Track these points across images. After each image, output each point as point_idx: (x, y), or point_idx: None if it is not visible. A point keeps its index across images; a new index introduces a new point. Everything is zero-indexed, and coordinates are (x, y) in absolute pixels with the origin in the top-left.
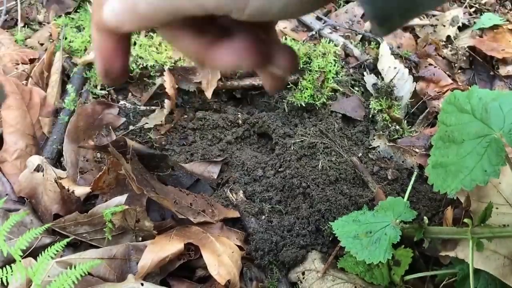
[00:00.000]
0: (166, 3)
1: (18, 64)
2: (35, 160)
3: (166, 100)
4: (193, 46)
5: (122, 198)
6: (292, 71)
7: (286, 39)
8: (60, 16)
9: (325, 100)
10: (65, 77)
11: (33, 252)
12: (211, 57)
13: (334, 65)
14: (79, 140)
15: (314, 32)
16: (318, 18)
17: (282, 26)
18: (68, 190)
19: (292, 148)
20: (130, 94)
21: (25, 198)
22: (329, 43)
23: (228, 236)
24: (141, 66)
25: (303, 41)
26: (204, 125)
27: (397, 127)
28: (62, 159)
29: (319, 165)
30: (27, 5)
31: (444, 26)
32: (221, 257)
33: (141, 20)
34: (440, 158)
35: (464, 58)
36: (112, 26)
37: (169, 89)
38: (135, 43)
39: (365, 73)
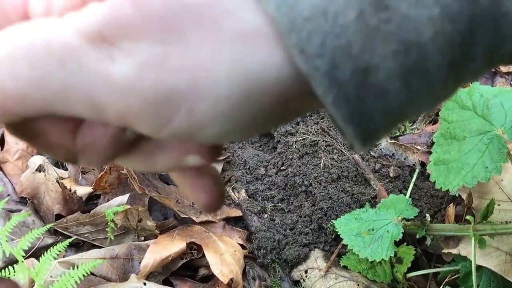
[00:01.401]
0: (43, 95)
1: None
2: (36, 160)
3: None
4: (57, 135)
5: (124, 198)
6: (212, 157)
7: None
8: None
9: None
10: None
11: (36, 253)
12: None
13: None
14: None
15: None
16: None
17: None
18: (70, 190)
19: (294, 146)
20: None
21: (27, 199)
22: None
23: (231, 235)
24: None
25: None
26: None
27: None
28: None
29: (321, 163)
30: None
31: None
32: (224, 256)
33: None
34: (442, 155)
35: None
36: None
37: None
38: None
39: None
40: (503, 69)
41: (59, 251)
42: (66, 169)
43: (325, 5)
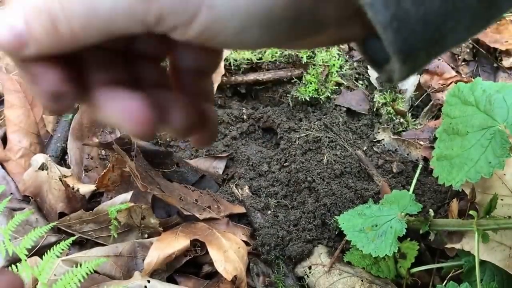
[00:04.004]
0: (99, 20)
1: None
2: (39, 158)
3: None
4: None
5: (127, 196)
6: (191, 132)
7: None
8: None
9: (329, 94)
10: None
11: (39, 251)
12: (96, 98)
13: (338, 59)
14: (83, 138)
15: None
16: None
17: None
18: (73, 188)
19: (297, 142)
20: None
21: (30, 197)
22: None
23: (234, 232)
24: None
25: None
26: None
27: (402, 120)
28: (66, 157)
29: (324, 159)
30: None
31: None
32: (228, 253)
33: (61, 42)
34: (444, 151)
35: (468, 50)
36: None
37: None
38: None
39: (369, 66)
40: (506, 64)
41: (62, 249)
42: (69, 167)
43: None
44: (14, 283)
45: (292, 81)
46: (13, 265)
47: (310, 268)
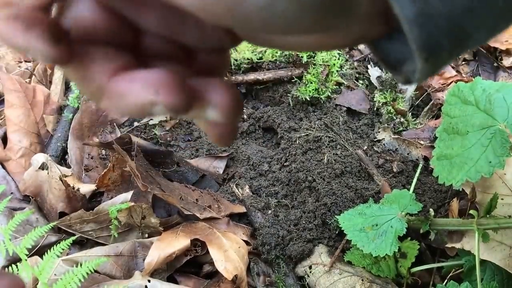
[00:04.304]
0: None
1: (21, 62)
2: (39, 158)
3: None
4: (97, 69)
5: (127, 195)
6: (232, 116)
7: None
8: None
9: (329, 94)
10: None
11: (39, 251)
12: (114, 88)
13: (338, 59)
14: (83, 138)
15: None
16: None
17: None
18: (73, 188)
19: (297, 142)
20: None
21: (30, 197)
22: None
23: (235, 231)
24: None
25: None
26: None
27: (402, 119)
28: (66, 156)
29: (325, 158)
30: None
31: None
32: (228, 252)
33: None
34: (444, 150)
35: None
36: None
37: None
38: None
39: (369, 66)
40: (506, 63)
41: (63, 249)
42: (69, 167)
43: None
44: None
45: (293, 80)
46: (13, 265)
47: (310, 267)
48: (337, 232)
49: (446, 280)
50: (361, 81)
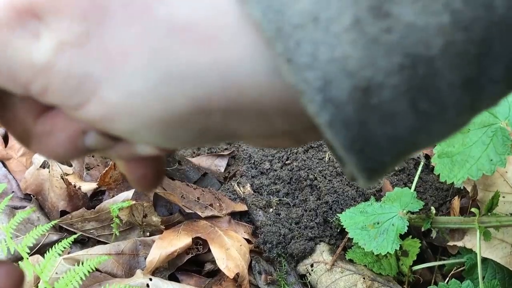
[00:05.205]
0: None
1: None
2: (41, 156)
3: None
4: (22, 111)
5: (129, 193)
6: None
7: None
8: None
9: None
10: None
11: (41, 249)
12: (40, 130)
13: None
14: None
15: None
16: None
17: None
18: (75, 186)
19: None
20: None
21: (31, 195)
22: None
23: (236, 230)
24: None
25: None
26: None
27: None
28: None
29: (326, 156)
30: None
31: None
32: (230, 250)
33: None
34: (446, 148)
35: None
36: None
37: None
38: None
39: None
40: None
41: (64, 248)
42: (71, 165)
43: (317, 11)
44: (14, 275)
45: None
46: (15, 263)
47: (312, 265)
48: (338, 230)
49: (447, 278)
50: None
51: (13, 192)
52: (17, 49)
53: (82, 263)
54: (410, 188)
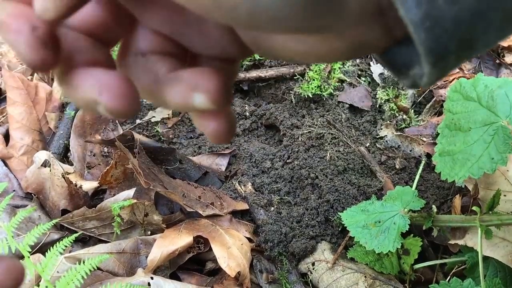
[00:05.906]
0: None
1: None
2: (42, 155)
3: None
4: (153, 68)
5: (130, 192)
6: (220, 102)
7: None
8: None
9: (332, 91)
10: None
11: (42, 248)
12: (72, 78)
13: None
14: (86, 135)
15: None
16: None
17: None
18: (76, 185)
19: (300, 139)
20: None
21: (32, 194)
22: None
23: (237, 228)
24: None
25: None
26: None
27: (404, 116)
28: (69, 154)
29: (327, 155)
30: None
31: None
32: (231, 249)
33: None
34: (447, 147)
35: None
36: None
37: None
38: None
39: (371, 63)
40: (508, 60)
41: (65, 246)
42: (72, 164)
43: None
44: (14, 270)
45: (295, 77)
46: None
47: (313, 264)
48: (340, 229)
49: (449, 277)
50: (363, 78)
51: (14, 191)
52: None
53: (83, 262)
54: (411, 186)
